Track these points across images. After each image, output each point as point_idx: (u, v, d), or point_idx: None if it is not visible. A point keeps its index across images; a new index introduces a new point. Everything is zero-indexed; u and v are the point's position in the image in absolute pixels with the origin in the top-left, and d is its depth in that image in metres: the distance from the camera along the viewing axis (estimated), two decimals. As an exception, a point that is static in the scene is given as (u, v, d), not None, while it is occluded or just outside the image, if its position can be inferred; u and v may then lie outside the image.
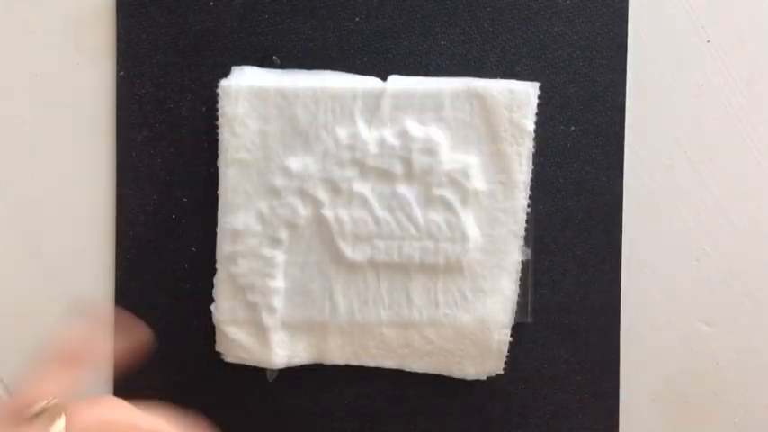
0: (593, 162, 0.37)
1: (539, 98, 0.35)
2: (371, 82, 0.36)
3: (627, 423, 0.38)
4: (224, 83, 0.35)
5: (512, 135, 0.35)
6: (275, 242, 0.35)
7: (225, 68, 0.36)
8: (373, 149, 0.35)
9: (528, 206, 0.36)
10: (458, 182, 0.35)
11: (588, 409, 0.37)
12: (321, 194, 0.35)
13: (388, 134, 0.35)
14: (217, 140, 0.35)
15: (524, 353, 0.37)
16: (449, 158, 0.35)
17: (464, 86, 0.35)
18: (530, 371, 0.37)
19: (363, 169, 0.35)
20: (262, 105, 0.35)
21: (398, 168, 0.35)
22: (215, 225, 0.35)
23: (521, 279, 0.36)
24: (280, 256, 0.35)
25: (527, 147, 0.35)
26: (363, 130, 0.35)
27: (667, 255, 0.38)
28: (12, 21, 0.36)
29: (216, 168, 0.35)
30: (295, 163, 0.35)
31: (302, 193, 0.35)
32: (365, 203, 0.35)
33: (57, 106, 0.36)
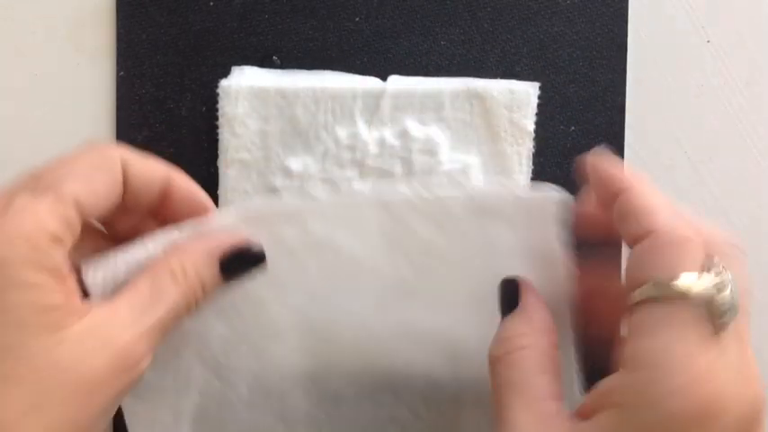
0: (593, 162, 0.37)
1: (539, 98, 0.35)
2: (371, 82, 0.36)
3: (627, 423, 0.38)
4: (224, 83, 0.35)
5: (512, 135, 0.35)
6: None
7: (225, 68, 0.36)
8: (373, 149, 0.35)
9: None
10: (458, 182, 0.35)
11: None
12: (321, 194, 0.35)
13: (388, 134, 0.35)
14: (217, 140, 0.35)
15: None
16: (449, 158, 0.35)
17: (464, 86, 0.35)
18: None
19: (363, 169, 0.35)
20: (262, 105, 0.35)
21: (398, 168, 0.35)
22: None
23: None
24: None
25: (527, 147, 0.35)
26: (363, 130, 0.35)
27: (667, 255, 0.38)
28: (12, 21, 0.36)
29: (216, 168, 0.35)
30: (295, 163, 0.35)
31: (302, 194, 0.35)
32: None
33: (57, 106, 0.36)
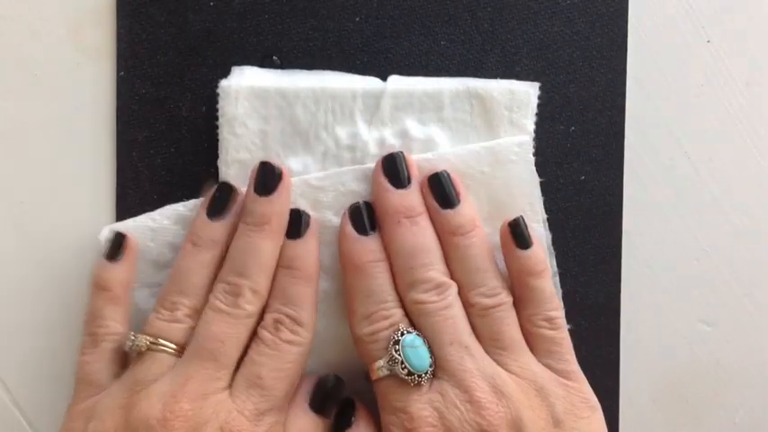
0: (593, 162, 0.37)
1: (539, 98, 0.35)
2: (371, 82, 0.36)
3: (627, 423, 0.38)
4: (224, 83, 0.35)
5: (512, 135, 0.35)
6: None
7: (225, 68, 0.36)
8: (373, 149, 0.35)
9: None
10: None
11: (588, 409, 0.37)
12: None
13: (389, 134, 0.35)
14: (217, 140, 0.35)
15: (524, 353, 0.37)
16: (449, 158, 0.35)
17: (464, 86, 0.35)
18: (530, 371, 0.37)
19: (363, 169, 0.35)
20: (262, 105, 0.35)
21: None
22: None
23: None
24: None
25: (527, 147, 0.35)
26: (363, 130, 0.35)
27: (667, 255, 0.38)
28: (12, 21, 0.36)
29: (216, 168, 0.35)
30: (295, 163, 0.35)
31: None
32: (365, 203, 0.35)
33: (57, 106, 0.36)
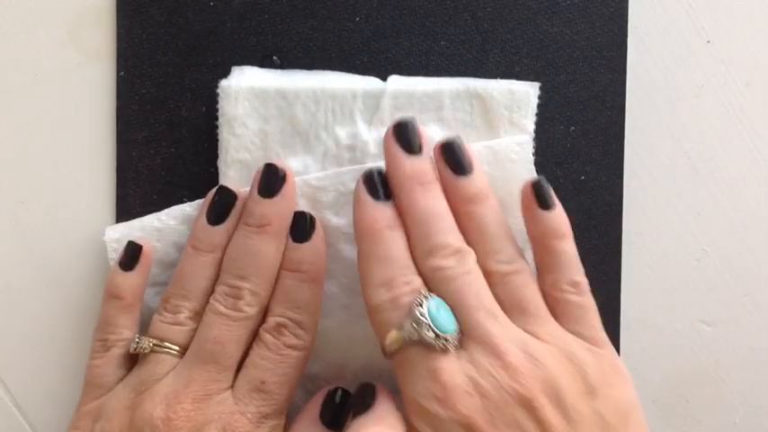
0: (593, 162, 0.37)
1: (539, 98, 0.35)
2: (371, 82, 0.36)
3: (627, 423, 0.38)
4: (224, 83, 0.35)
5: (512, 135, 0.35)
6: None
7: (225, 68, 0.36)
8: (373, 149, 0.35)
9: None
10: None
11: (588, 409, 0.37)
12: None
13: (388, 134, 0.35)
14: (217, 140, 0.35)
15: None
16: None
17: (464, 86, 0.35)
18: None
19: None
20: (262, 105, 0.35)
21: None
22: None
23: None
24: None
25: (527, 147, 0.35)
26: (363, 130, 0.35)
27: (667, 255, 0.38)
28: (11, 21, 0.36)
29: (216, 168, 0.35)
30: (295, 163, 0.35)
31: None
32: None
33: (57, 106, 0.36)
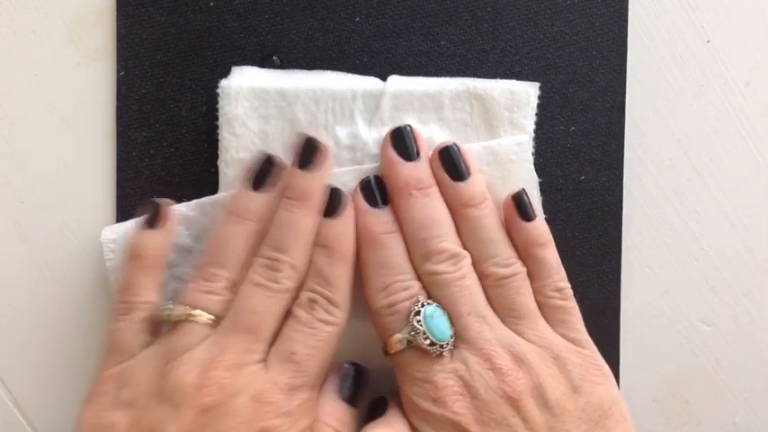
0: (593, 162, 0.37)
1: (539, 98, 0.35)
2: (371, 82, 0.36)
3: (627, 423, 0.38)
4: (224, 83, 0.35)
5: (512, 135, 0.35)
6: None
7: (225, 68, 0.36)
8: (373, 149, 0.35)
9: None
10: None
11: (588, 409, 0.37)
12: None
13: (388, 134, 0.35)
14: (217, 140, 0.35)
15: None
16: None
17: (464, 86, 0.35)
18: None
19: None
20: (262, 105, 0.35)
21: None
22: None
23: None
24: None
25: (527, 147, 0.35)
26: (363, 131, 0.35)
27: (667, 255, 0.38)
28: (12, 21, 0.36)
29: (216, 168, 0.35)
30: (295, 163, 0.35)
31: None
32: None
33: (57, 106, 0.36)
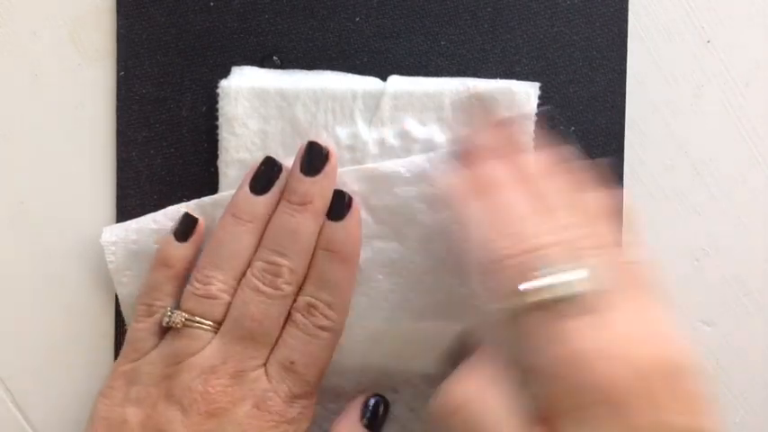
0: (593, 162, 0.37)
1: (539, 98, 0.35)
2: (371, 82, 0.36)
3: (627, 423, 0.38)
4: (224, 83, 0.35)
5: (512, 135, 0.35)
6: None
7: (225, 68, 0.36)
8: (373, 149, 0.35)
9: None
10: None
11: (588, 409, 0.37)
12: None
13: (389, 134, 0.35)
14: (217, 140, 0.35)
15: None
16: (449, 158, 0.35)
17: (464, 86, 0.35)
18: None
19: (363, 169, 0.35)
20: (262, 105, 0.35)
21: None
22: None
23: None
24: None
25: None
26: (363, 131, 0.35)
27: (667, 255, 0.38)
28: (12, 21, 0.36)
29: (216, 168, 0.35)
30: (295, 163, 0.35)
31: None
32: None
33: (57, 106, 0.36)
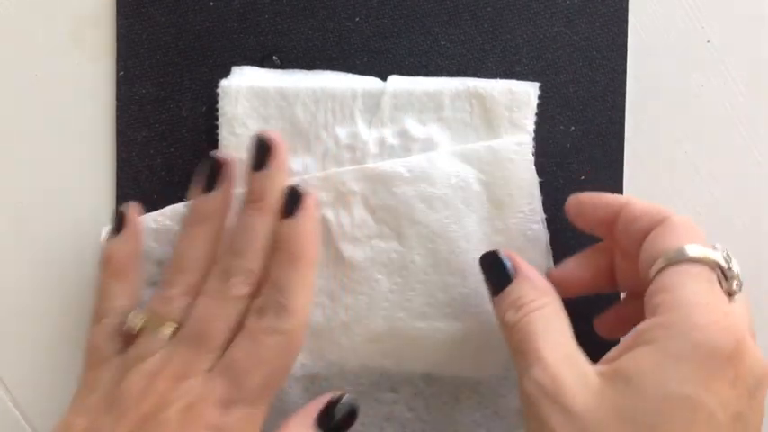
0: (593, 162, 0.37)
1: (539, 98, 0.35)
2: (371, 82, 0.36)
3: (627, 423, 0.38)
4: (224, 83, 0.35)
5: (512, 135, 0.35)
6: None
7: (225, 68, 0.36)
8: (373, 149, 0.35)
9: (528, 206, 0.35)
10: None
11: (588, 409, 0.37)
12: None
13: (388, 134, 0.35)
14: (217, 140, 0.35)
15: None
16: (449, 158, 0.35)
17: (464, 86, 0.35)
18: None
19: (363, 169, 0.35)
20: (262, 105, 0.35)
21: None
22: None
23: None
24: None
25: (527, 147, 0.35)
26: (363, 131, 0.35)
27: (667, 255, 0.38)
28: (12, 21, 0.36)
29: (216, 168, 0.35)
30: (295, 163, 0.35)
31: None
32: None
33: (57, 106, 0.36)
